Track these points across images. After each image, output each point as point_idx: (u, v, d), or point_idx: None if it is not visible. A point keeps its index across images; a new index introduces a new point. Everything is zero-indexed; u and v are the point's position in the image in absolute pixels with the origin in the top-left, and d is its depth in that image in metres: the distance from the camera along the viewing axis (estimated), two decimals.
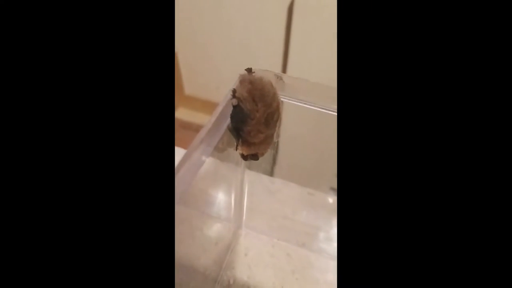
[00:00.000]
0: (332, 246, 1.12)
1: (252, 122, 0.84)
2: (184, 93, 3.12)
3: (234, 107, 0.85)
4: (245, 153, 0.89)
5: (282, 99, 0.87)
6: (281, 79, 0.92)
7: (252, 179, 1.18)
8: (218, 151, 0.83)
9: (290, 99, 0.89)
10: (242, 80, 0.85)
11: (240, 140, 0.86)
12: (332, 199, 1.14)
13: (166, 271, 0.39)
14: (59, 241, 0.38)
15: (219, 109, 0.86)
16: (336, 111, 0.81)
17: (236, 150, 0.87)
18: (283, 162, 1.16)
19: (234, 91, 0.86)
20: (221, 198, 1.01)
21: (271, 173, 1.28)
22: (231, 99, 0.86)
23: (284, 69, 2.60)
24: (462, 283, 0.38)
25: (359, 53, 0.41)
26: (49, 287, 0.38)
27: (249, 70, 0.85)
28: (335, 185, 1.06)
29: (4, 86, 0.38)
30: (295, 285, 1.04)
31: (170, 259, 0.40)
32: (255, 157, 0.88)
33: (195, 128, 2.94)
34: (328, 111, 0.85)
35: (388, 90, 0.41)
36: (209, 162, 0.74)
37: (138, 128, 0.42)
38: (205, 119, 0.79)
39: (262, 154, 0.90)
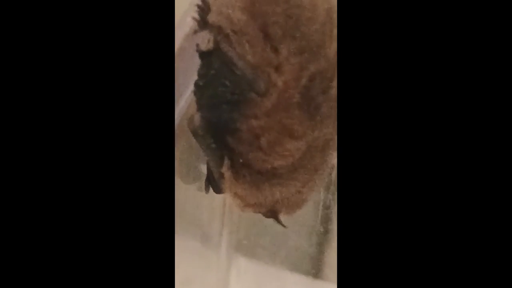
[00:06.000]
0: None
1: (264, 105, 0.46)
2: None
3: (206, 56, 0.47)
4: (242, 206, 0.51)
5: None
6: None
7: (256, 287, 0.76)
8: None
9: None
10: None
11: (228, 162, 0.49)
12: None
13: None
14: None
15: None
16: None
17: (208, 191, 0.54)
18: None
19: (204, 6, 0.47)
20: None
21: (314, 267, 0.75)
22: (194, 32, 0.48)
23: None
24: None
25: None
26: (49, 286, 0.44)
27: None
28: None
29: (3, 86, 0.43)
30: None
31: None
32: (273, 217, 0.52)
33: None
34: None
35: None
36: None
37: (138, 130, 0.44)
38: None
39: (296, 207, 0.52)
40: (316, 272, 0.79)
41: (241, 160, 0.48)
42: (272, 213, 0.52)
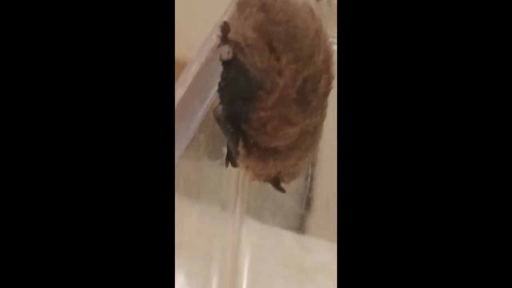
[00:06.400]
0: None
1: (269, 100, 0.54)
2: None
3: (226, 64, 0.55)
4: (253, 176, 0.60)
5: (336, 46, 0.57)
6: (329, 1, 0.67)
7: (260, 241, 0.89)
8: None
9: None
10: (243, 2, 0.56)
11: (242, 143, 0.57)
12: None
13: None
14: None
15: (189, 74, 0.57)
16: None
17: (227, 165, 0.61)
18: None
19: (225, 26, 0.55)
20: None
21: (301, 225, 0.92)
22: (218, 46, 0.56)
23: None
24: None
25: None
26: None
27: None
28: None
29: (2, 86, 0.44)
30: None
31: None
32: (275, 184, 0.60)
33: None
34: None
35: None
36: None
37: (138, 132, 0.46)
38: None
39: (292, 177, 0.60)
40: (304, 228, 0.93)
41: (251, 141, 0.56)
42: (275, 181, 0.59)
